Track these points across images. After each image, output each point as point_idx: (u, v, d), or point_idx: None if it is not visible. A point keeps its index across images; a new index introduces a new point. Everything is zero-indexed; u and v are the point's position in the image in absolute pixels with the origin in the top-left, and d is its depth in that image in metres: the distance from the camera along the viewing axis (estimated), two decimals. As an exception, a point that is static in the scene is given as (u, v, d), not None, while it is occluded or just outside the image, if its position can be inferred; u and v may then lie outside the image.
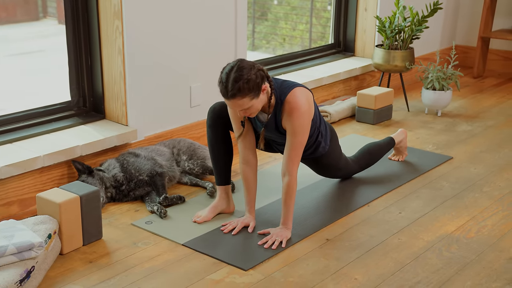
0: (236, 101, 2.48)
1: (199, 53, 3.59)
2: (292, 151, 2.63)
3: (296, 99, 2.61)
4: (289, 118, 2.61)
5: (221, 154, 2.88)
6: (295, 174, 2.65)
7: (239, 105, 2.50)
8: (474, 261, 2.54)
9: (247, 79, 2.45)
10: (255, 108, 2.54)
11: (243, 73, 2.46)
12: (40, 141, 3.07)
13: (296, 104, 2.60)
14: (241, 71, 2.47)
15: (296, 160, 2.64)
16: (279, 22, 7.60)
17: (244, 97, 2.47)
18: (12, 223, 2.44)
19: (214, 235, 2.72)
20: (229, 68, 2.49)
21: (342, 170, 3.19)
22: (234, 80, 2.45)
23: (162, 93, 3.46)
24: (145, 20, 3.27)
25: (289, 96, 2.62)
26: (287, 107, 2.62)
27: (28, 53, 4.24)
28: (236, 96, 2.46)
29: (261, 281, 2.39)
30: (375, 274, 2.44)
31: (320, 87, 4.46)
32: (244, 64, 2.50)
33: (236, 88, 2.44)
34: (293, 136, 2.62)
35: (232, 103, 2.50)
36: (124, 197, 3.03)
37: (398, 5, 4.35)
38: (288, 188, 2.65)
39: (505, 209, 3.01)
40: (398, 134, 3.51)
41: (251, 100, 2.49)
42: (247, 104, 2.50)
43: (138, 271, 2.45)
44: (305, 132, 2.64)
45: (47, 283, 2.36)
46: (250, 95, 2.48)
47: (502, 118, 4.40)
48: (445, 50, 5.65)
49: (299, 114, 2.60)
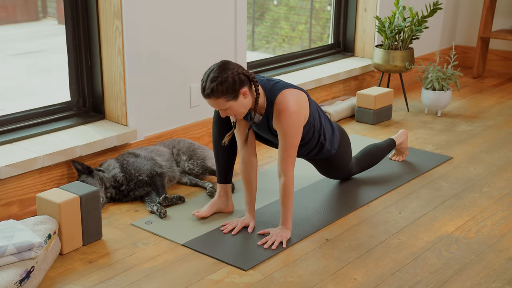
0: (211, 101, 2.55)
1: (199, 53, 3.59)
2: (284, 153, 2.64)
3: (284, 100, 2.62)
4: (278, 119, 2.62)
5: (224, 152, 2.88)
6: (290, 175, 2.65)
7: (216, 105, 2.56)
8: (474, 261, 2.55)
9: (222, 81, 2.50)
10: (235, 110, 2.57)
11: (220, 74, 2.51)
12: (40, 141, 3.07)
13: (284, 105, 2.61)
14: (219, 72, 2.51)
15: (290, 161, 2.65)
16: (279, 22, 7.60)
17: (218, 97, 2.52)
18: (12, 223, 2.44)
19: (213, 235, 2.72)
20: (211, 68, 2.55)
21: (346, 173, 3.21)
22: (210, 81, 2.51)
23: (162, 93, 3.46)
24: (145, 20, 3.27)
25: (278, 98, 2.63)
26: (276, 109, 2.63)
27: (28, 53, 4.24)
28: (210, 96, 2.53)
29: (260, 281, 2.39)
30: (375, 274, 2.44)
31: (319, 87, 4.46)
32: (225, 66, 2.54)
33: (210, 88, 2.51)
34: (283, 137, 2.63)
35: (209, 102, 2.56)
36: (124, 197, 3.03)
37: (398, 5, 4.35)
38: (284, 189, 2.65)
39: (504, 209, 3.02)
40: (399, 135, 3.51)
41: (226, 102, 2.53)
42: (223, 105, 2.54)
43: (137, 271, 2.45)
44: (295, 134, 2.63)
45: (47, 283, 2.36)
46: (224, 97, 2.52)
47: (502, 118, 4.40)
48: (445, 50, 5.65)
49: (287, 115, 2.60)
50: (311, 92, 4.39)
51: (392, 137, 3.48)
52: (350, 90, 4.78)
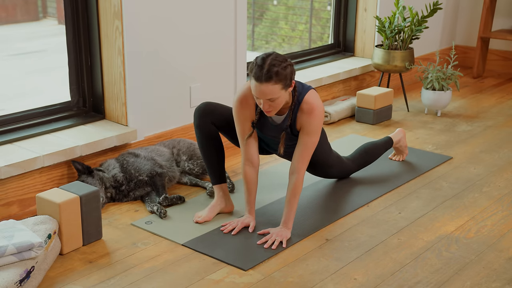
0: (268, 86, 2.48)
1: (199, 53, 3.59)
2: (305, 151, 2.66)
3: (314, 100, 2.66)
4: (307, 118, 2.64)
5: (212, 153, 2.88)
6: (303, 174, 2.67)
7: (269, 92, 2.49)
8: (474, 261, 2.55)
9: (284, 67, 2.49)
10: (280, 101, 2.55)
11: (280, 60, 2.50)
12: (40, 141, 3.07)
13: (315, 104, 2.65)
14: (279, 59, 2.51)
15: (307, 160, 2.67)
16: (278, 22, 7.60)
17: (277, 83, 2.48)
18: (12, 223, 2.44)
19: (214, 235, 2.72)
20: (266, 55, 2.53)
21: (335, 167, 3.16)
22: (271, 64, 2.48)
23: (162, 93, 3.46)
24: (145, 21, 3.27)
25: (308, 97, 2.65)
26: (306, 107, 2.64)
27: (28, 53, 4.24)
28: (271, 79, 2.47)
29: (260, 281, 2.39)
30: (375, 274, 2.44)
31: (320, 87, 4.46)
32: (280, 55, 2.55)
33: (273, 71, 2.46)
34: (308, 136, 2.65)
35: (264, 87, 2.48)
36: (124, 197, 3.03)
37: (398, 5, 4.35)
38: (294, 187, 2.66)
39: (504, 209, 3.02)
40: (396, 133, 3.51)
41: (280, 90, 2.50)
42: (276, 93, 2.50)
43: (138, 271, 2.45)
44: (319, 133, 2.69)
45: (47, 283, 2.36)
46: (282, 83, 2.50)
47: (502, 118, 4.40)
48: (445, 50, 5.65)
49: (317, 115, 2.64)
50: (311, 92, 4.39)
51: (389, 135, 3.48)
52: (350, 90, 4.79)
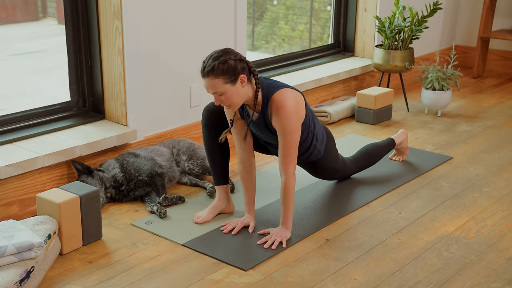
0: (209, 81, 2.53)
1: (198, 53, 3.58)
2: (284, 151, 2.64)
3: (282, 98, 2.61)
4: (276, 117, 2.62)
5: (217, 153, 2.88)
6: (290, 174, 2.64)
7: (212, 86, 2.53)
8: (474, 261, 2.55)
9: (224, 61, 2.51)
10: (230, 97, 2.55)
11: (223, 55, 2.53)
12: (40, 141, 3.07)
13: (282, 102, 2.61)
14: (223, 53, 2.54)
15: (290, 159, 2.64)
16: (278, 22, 7.60)
17: (217, 77, 2.51)
18: (12, 223, 2.44)
19: (213, 235, 2.72)
20: (215, 51, 2.57)
21: (339, 172, 3.18)
22: (212, 59, 2.53)
23: (162, 94, 3.46)
24: (145, 21, 3.27)
25: (275, 95, 2.63)
26: (273, 106, 2.62)
27: (28, 53, 4.24)
28: (209, 74, 2.52)
29: (260, 281, 2.39)
30: (375, 274, 2.44)
31: (319, 87, 4.46)
32: (229, 49, 2.57)
33: (211, 65, 2.51)
34: (283, 135, 2.63)
35: (206, 82, 2.54)
36: (124, 197, 3.03)
37: (398, 5, 4.35)
38: (285, 188, 2.65)
39: (504, 209, 3.02)
40: (398, 135, 3.51)
41: (224, 84, 2.52)
42: (220, 87, 2.52)
43: (138, 271, 2.45)
44: (294, 131, 2.63)
45: (47, 283, 2.36)
46: (223, 77, 2.51)
47: (502, 118, 4.40)
48: (445, 50, 5.65)
49: (285, 113, 2.60)
50: (311, 92, 4.39)
51: (391, 137, 3.48)
52: (350, 90, 4.79)
